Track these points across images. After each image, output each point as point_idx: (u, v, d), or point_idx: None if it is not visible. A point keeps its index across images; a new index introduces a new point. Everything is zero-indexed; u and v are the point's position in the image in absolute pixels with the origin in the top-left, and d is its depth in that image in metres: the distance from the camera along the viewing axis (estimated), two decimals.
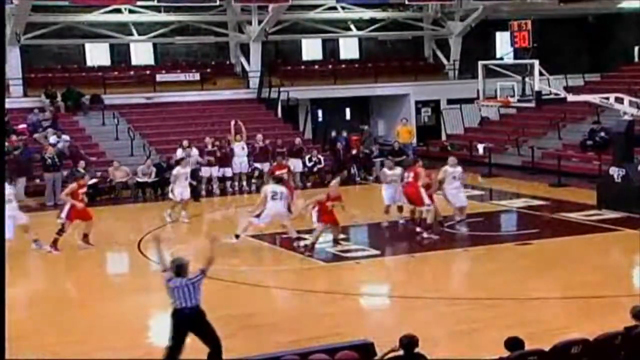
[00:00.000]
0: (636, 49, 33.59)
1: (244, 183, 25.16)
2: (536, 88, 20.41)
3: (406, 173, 18.65)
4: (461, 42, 33.51)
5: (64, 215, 17.24)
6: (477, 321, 11.98)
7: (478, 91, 22.63)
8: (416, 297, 13.48)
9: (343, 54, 34.98)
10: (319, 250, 16.84)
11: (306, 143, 28.13)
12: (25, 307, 13.48)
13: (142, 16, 30.23)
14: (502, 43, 33.63)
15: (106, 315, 12.98)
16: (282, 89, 30.31)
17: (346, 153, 27.38)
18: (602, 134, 25.95)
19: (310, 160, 26.23)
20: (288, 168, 21.78)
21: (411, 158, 23.55)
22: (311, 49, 34.41)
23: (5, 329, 7.41)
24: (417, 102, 33.03)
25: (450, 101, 32.39)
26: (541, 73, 20.50)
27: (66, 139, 25.96)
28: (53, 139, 25.63)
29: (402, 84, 32.66)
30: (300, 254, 16.48)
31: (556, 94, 21.83)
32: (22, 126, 26.53)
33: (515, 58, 26.36)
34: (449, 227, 18.62)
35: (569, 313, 12.49)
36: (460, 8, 32.89)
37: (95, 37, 30.35)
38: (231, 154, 25.06)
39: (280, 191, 16.95)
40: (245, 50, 31.90)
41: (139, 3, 29.45)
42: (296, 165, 25.11)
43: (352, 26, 33.00)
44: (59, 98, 28.36)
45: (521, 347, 8.09)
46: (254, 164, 25.29)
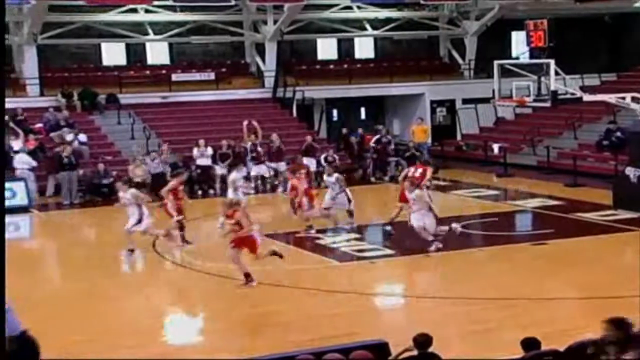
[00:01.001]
0: None
1: (259, 182, 25.18)
2: (552, 88, 20.39)
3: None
4: (477, 42, 33.44)
5: (174, 212, 17.37)
6: (492, 321, 11.97)
7: (493, 91, 22.61)
8: (431, 297, 13.48)
9: (358, 54, 34.98)
10: (335, 250, 16.93)
11: (321, 142, 28.16)
12: (38, 306, 13.54)
13: (158, 16, 30.35)
14: (518, 42, 33.55)
15: (120, 314, 13.04)
16: (297, 89, 30.34)
17: (361, 151, 27.36)
18: (618, 134, 25.83)
19: (325, 159, 26.20)
20: (307, 168, 21.79)
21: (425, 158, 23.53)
22: (326, 49, 34.42)
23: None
24: (432, 102, 32.99)
25: (465, 101, 32.33)
26: (557, 72, 20.48)
27: (82, 139, 26.10)
28: (69, 138, 25.77)
29: (418, 84, 32.63)
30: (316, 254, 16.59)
31: (572, 94, 21.79)
32: (39, 125, 26.69)
33: (531, 57, 26.35)
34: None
35: (584, 313, 12.43)
36: (475, 7, 32.85)
37: (111, 37, 30.49)
38: (245, 154, 25.09)
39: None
40: (260, 49, 31.94)
41: (155, 3, 29.55)
42: (310, 164, 25.08)
43: (368, 25, 33.00)
44: (75, 97, 28.51)
45: (537, 347, 8.07)
46: (270, 164, 25.30)
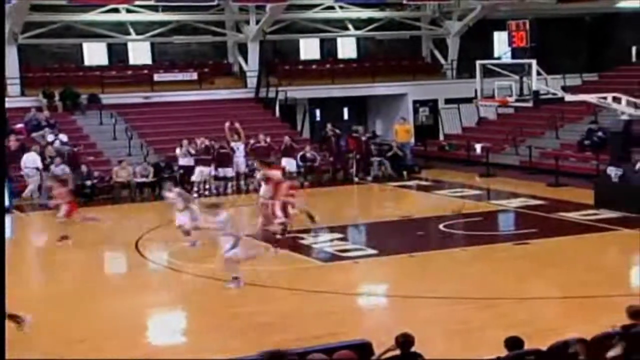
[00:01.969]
0: (633, 49, 33.58)
1: (242, 182, 25.15)
2: (534, 88, 20.47)
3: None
4: (459, 42, 33.51)
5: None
6: (475, 321, 12.00)
7: (476, 91, 22.66)
8: (414, 297, 13.49)
9: (341, 54, 34.98)
10: (318, 250, 16.93)
11: (303, 142, 28.15)
12: (22, 308, 13.46)
13: (140, 16, 30.22)
14: (500, 43, 33.66)
15: (104, 315, 12.98)
16: (280, 89, 30.32)
17: (342, 152, 27.33)
18: (600, 134, 25.97)
19: (303, 158, 26.19)
20: (282, 169, 21.76)
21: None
22: (309, 49, 34.41)
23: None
24: (415, 102, 33.02)
25: (448, 101, 32.39)
26: (539, 73, 20.56)
27: (64, 139, 25.97)
28: (50, 139, 25.65)
29: (400, 84, 32.65)
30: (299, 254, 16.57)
31: (554, 94, 21.89)
32: (20, 125, 26.53)
33: (513, 58, 26.45)
34: None
35: (567, 313, 12.50)
36: (458, 8, 32.92)
37: (93, 37, 30.33)
38: (232, 154, 25.07)
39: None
40: (243, 49, 31.89)
41: (137, 2, 29.43)
42: (289, 164, 25.05)
43: (350, 26, 33.00)
44: (57, 97, 28.36)
45: (521, 347, 8.10)
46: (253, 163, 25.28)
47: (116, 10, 29.66)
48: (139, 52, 32.16)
